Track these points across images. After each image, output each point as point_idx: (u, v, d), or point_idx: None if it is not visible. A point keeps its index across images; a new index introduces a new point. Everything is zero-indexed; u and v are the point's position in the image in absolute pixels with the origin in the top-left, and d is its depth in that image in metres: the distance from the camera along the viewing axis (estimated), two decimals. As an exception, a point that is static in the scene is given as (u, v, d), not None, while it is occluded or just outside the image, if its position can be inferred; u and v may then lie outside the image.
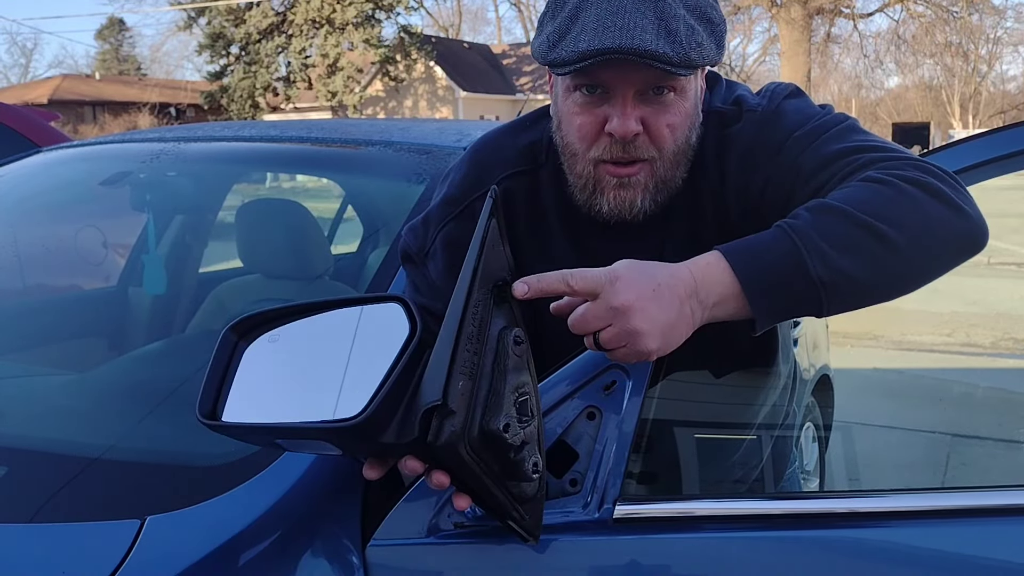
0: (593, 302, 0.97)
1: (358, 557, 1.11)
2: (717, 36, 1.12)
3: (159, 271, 2.24)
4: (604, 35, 1.05)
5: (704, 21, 1.11)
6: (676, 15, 1.07)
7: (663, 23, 1.06)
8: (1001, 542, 1.11)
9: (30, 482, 1.19)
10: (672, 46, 1.06)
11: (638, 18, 1.06)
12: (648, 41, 1.05)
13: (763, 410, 1.48)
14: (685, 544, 1.12)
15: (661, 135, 1.13)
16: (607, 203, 1.17)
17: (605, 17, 1.06)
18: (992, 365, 4.84)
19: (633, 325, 0.96)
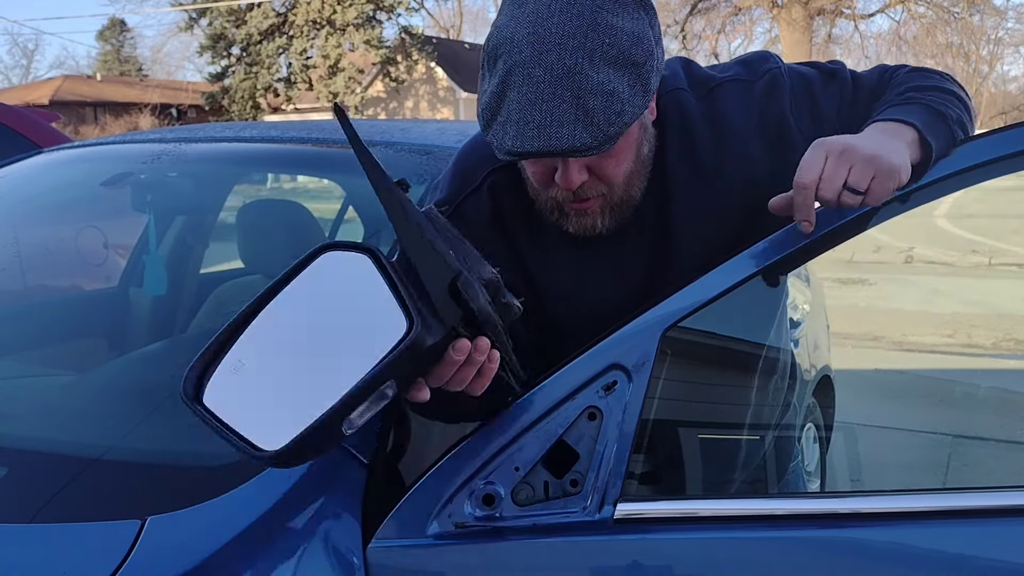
0: (825, 164, 1.10)
1: (359, 557, 1.11)
2: (644, 78, 1.11)
3: (160, 272, 2.24)
4: (526, 135, 1.08)
5: (627, 67, 1.10)
6: (593, 86, 1.07)
7: (580, 104, 1.07)
8: (1002, 543, 1.10)
9: (31, 482, 1.19)
10: (590, 132, 1.08)
11: (555, 108, 1.07)
12: (564, 138, 1.07)
13: (764, 410, 1.48)
14: (686, 544, 1.12)
15: (607, 176, 1.18)
16: (571, 227, 1.23)
17: (526, 109, 1.08)
18: (993, 366, 4.84)
19: (865, 152, 1.09)
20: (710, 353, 1.33)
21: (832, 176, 1.09)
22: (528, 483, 1.12)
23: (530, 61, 1.08)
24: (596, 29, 1.08)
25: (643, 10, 1.14)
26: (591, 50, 1.08)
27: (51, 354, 1.89)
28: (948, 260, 8.79)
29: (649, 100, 1.13)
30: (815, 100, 1.30)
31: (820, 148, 1.11)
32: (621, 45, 1.09)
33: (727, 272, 1.17)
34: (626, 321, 1.16)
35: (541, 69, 1.08)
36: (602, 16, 1.09)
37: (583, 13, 1.09)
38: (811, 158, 1.11)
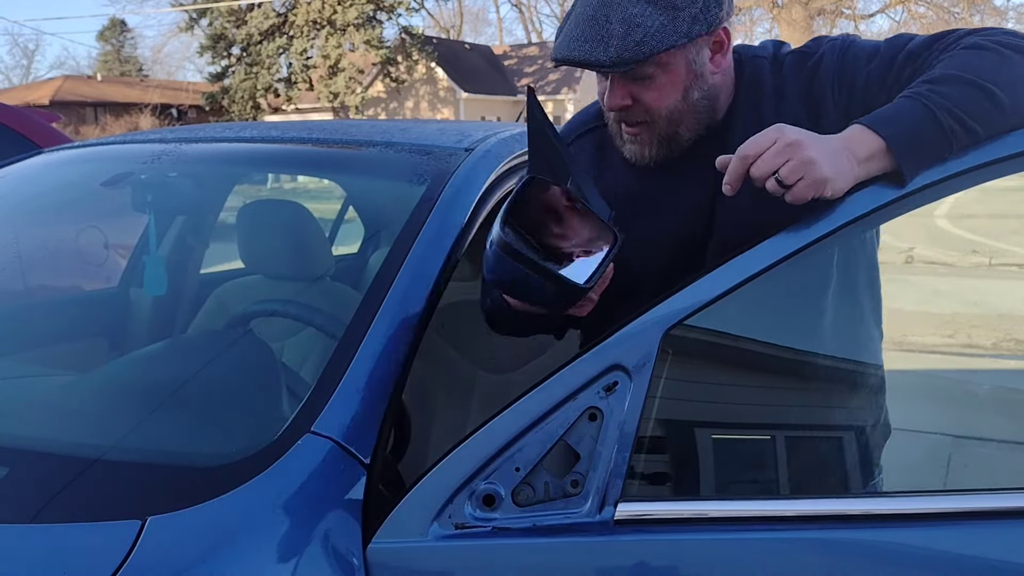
0: (770, 147, 1.15)
1: (359, 558, 1.11)
2: (678, 19, 1.25)
3: (160, 272, 2.24)
4: (563, 46, 1.29)
5: (664, 8, 1.25)
6: (624, 16, 1.24)
7: (607, 28, 1.25)
8: (1002, 544, 1.10)
9: (31, 482, 1.19)
10: (605, 52, 1.25)
11: (588, 27, 1.27)
12: (583, 52, 1.26)
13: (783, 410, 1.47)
14: (687, 545, 1.12)
15: (648, 106, 1.33)
16: (626, 152, 1.41)
17: (573, 26, 1.29)
18: (994, 366, 4.84)
19: (807, 154, 1.14)
20: (712, 352, 1.33)
21: (768, 160, 1.15)
22: (528, 484, 1.12)
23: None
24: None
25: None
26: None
27: (51, 354, 1.89)
28: (948, 260, 8.78)
29: (680, 40, 1.26)
30: (854, 76, 1.34)
31: (776, 131, 1.17)
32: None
33: (728, 272, 1.17)
34: (627, 321, 1.16)
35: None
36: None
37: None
38: (764, 136, 1.17)
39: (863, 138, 1.18)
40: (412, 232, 1.47)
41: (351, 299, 1.60)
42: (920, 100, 1.19)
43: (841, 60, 1.36)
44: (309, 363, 1.63)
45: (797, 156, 1.14)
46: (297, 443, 1.17)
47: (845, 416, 1.43)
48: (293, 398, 1.40)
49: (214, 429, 1.39)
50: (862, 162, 1.17)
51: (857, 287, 1.47)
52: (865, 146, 1.18)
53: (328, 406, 1.21)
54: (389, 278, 1.39)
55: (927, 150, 1.18)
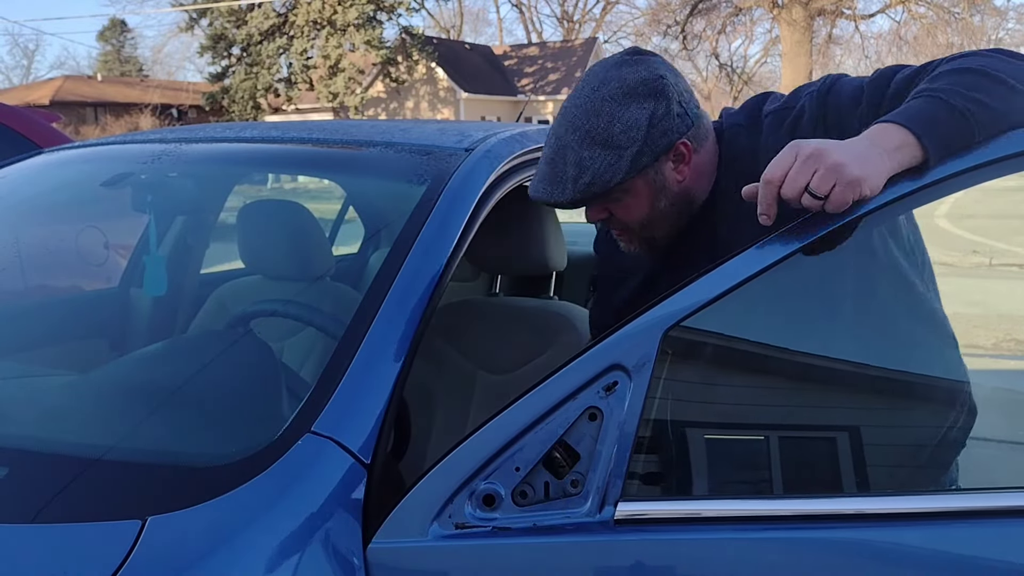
0: (793, 164, 1.15)
1: (359, 558, 1.11)
2: (623, 158, 1.36)
3: (160, 272, 2.24)
4: (533, 185, 1.44)
5: (610, 149, 1.36)
6: (575, 160, 1.37)
7: (563, 171, 1.38)
8: (1003, 544, 1.10)
9: (31, 483, 1.18)
10: (563, 194, 1.39)
11: (551, 169, 1.40)
12: (547, 193, 1.40)
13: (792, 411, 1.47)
14: (687, 545, 1.12)
15: (620, 220, 1.47)
16: (620, 245, 1.55)
17: (542, 163, 1.43)
18: (994, 366, 4.83)
19: (832, 160, 1.13)
20: (711, 353, 1.33)
21: (795, 177, 1.15)
22: (528, 483, 1.12)
23: (554, 128, 1.42)
24: (598, 115, 1.36)
25: (653, 100, 1.37)
26: (586, 131, 1.37)
27: (52, 354, 1.89)
28: (949, 261, 8.78)
29: (630, 175, 1.37)
30: (841, 121, 1.36)
31: (793, 148, 1.17)
32: (612, 131, 1.36)
33: (728, 272, 1.17)
34: (627, 321, 1.16)
35: (555, 138, 1.41)
36: (607, 105, 1.36)
37: (595, 100, 1.38)
38: (782, 156, 1.18)
39: (887, 131, 1.19)
40: (412, 232, 1.47)
41: (351, 299, 1.60)
42: (925, 95, 1.21)
43: (823, 106, 1.38)
44: (309, 363, 1.63)
45: (823, 164, 1.13)
46: (297, 443, 1.17)
47: (845, 416, 1.43)
48: (293, 398, 1.40)
49: (214, 429, 1.39)
50: (891, 153, 1.17)
51: (876, 286, 1.46)
52: (891, 137, 1.18)
53: (328, 406, 1.21)
54: (389, 278, 1.39)
55: (951, 134, 1.19)
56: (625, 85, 1.37)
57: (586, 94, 1.39)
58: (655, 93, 1.37)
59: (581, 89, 1.41)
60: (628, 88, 1.37)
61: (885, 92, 1.34)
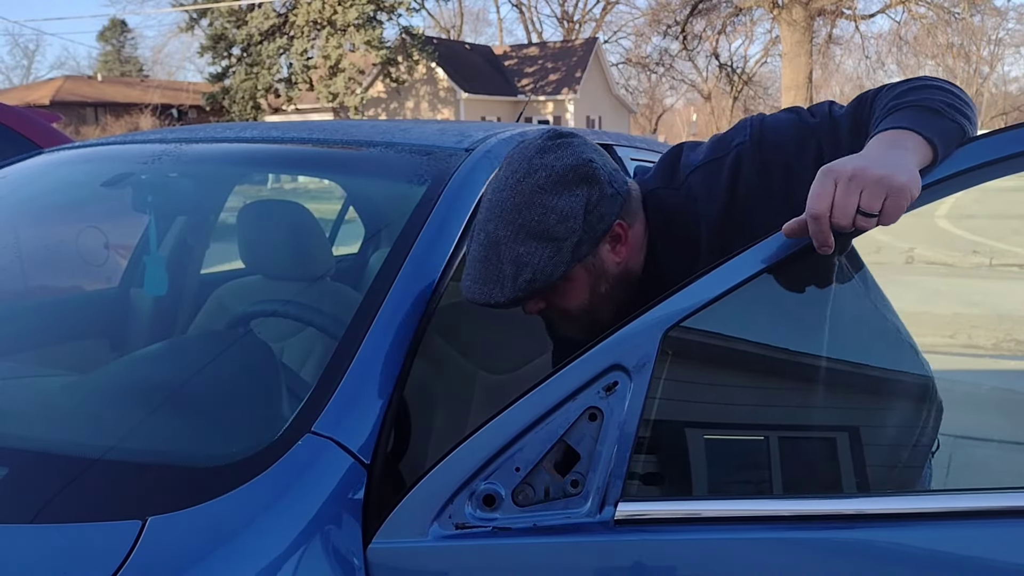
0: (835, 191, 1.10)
1: (359, 558, 1.11)
2: (564, 250, 1.30)
3: (160, 272, 2.24)
4: (465, 284, 1.34)
5: (548, 241, 1.29)
6: (513, 256, 1.29)
7: (500, 269, 1.30)
8: (1004, 544, 1.10)
9: (32, 483, 1.18)
10: (502, 292, 1.30)
11: (483, 268, 1.32)
12: (484, 294, 1.32)
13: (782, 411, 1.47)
14: (687, 545, 1.12)
15: (559, 309, 1.40)
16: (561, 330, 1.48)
17: (472, 263, 1.34)
18: (994, 367, 4.83)
19: (874, 174, 1.10)
20: (711, 353, 1.33)
21: (844, 204, 1.10)
22: (529, 484, 1.12)
23: (481, 223, 1.34)
24: (531, 207, 1.30)
25: (585, 186, 1.32)
26: (520, 225, 1.29)
27: (52, 354, 1.89)
28: (949, 261, 8.78)
29: (572, 266, 1.32)
30: (789, 163, 1.34)
31: (829, 176, 1.12)
32: (548, 223, 1.29)
33: (728, 272, 1.17)
34: (627, 322, 1.16)
35: (484, 233, 1.32)
36: (539, 196, 1.30)
37: (524, 191, 1.30)
38: (820, 187, 1.12)
39: (896, 136, 1.18)
40: (412, 232, 1.47)
41: (351, 299, 1.60)
42: (901, 108, 1.23)
43: (761, 152, 1.36)
44: (309, 363, 1.63)
45: (867, 181, 1.10)
46: (297, 443, 1.17)
47: (845, 417, 1.43)
48: (293, 398, 1.40)
49: (214, 429, 1.39)
50: (911, 153, 1.16)
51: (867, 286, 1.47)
52: (904, 140, 1.17)
53: (328, 406, 1.21)
54: (389, 278, 1.39)
55: (949, 133, 1.20)
56: (554, 173, 1.31)
57: (512, 185, 1.32)
58: (587, 179, 1.32)
59: (506, 180, 1.33)
60: (558, 176, 1.31)
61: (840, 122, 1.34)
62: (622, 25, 49.81)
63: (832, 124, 1.35)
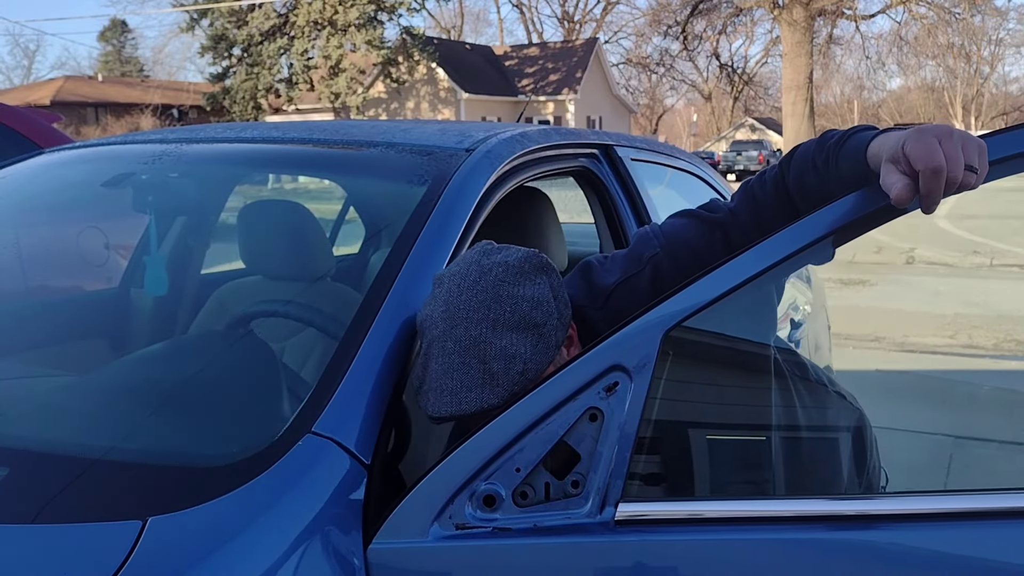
0: (944, 151, 1.09)
1: (359, 558, 1.11)
2: (546, 336, 1.24)
3: (161, 272, 2.24)
4: (442, 401, 1.21)
5: (528, 330, 1.23)
6: (497, 352, 1.20)
7: (486, 369, 1.20)
8: (1004, 545, 1.10)
9: (32, 483, 1.19)
10: (496, 393, 1.20)
11: (464, 375, 1.21)
12: (473, 401, 1.20)
13: (772, 410, 1.47)
14: (687, 546, 1.12)
15: None
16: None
17: (441, 378, 1.22)
18: (994, 367, 4.84)
19: (963, 134, 1.12)
20: (712, 353, 1.33)
21: (956, 156, 1.09)
22: (529, 484, 1.12)
23: (443, 335, 1.23)
24: (499, 300, 1.23)
25: (544, 274, 1.28)
26: (494, 320, 1.22)
27: (52, 354, 1.89)
28: (949, 261, 8.79)
29: (555, 353, 1.25)
30: (701, 261, 1.35)
31: (927, 134, 1.10)
32: (522, 311, 1.23)
33: (728, 273, 1.17)
34: (627, 322, 1.16)
35: (452, 342, 1.22)
36: (504, 288, 1.24)
37: (487, 288, 1.24)
38: (926, 145, 1.09)
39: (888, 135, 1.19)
40: (413, 233, 1.47)
41: (352, 300, 1.60)
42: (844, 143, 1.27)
43: (674, 257, 1.41)
44: (310, 364, 1.63)
45: (965, 139, 1.11)
46: (298, 444, 1.17)
47: (845, 417, 1.43)
48: (294, 398, 1.40)
49: (215, 429, 1.39)
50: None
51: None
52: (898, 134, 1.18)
53: (329, 407, 1.21)
54: (390, 279, 1.39)
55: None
56: (511, 267, 1.26)
57: (468, 288, 1.24)
58: (543, 267, 1.29)
59: (458, 287, 1.25)
60: (515, 268, 1.26)
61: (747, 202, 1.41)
62: (623, 25, 49.83)
63: (730, 215, 1.42)
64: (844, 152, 1.27)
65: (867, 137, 1.23)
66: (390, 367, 1.28)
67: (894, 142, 1.14)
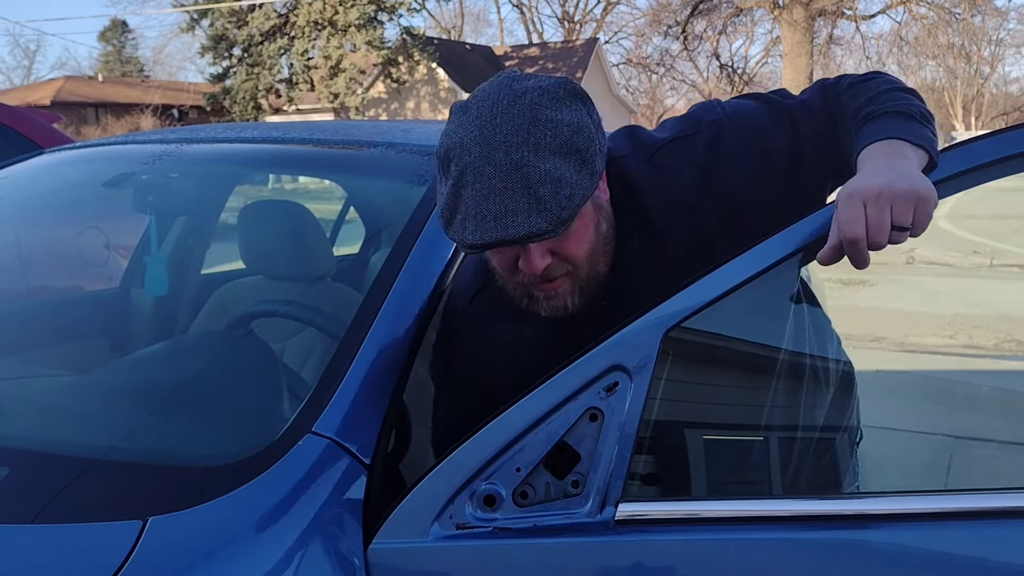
0: (865, 217, 1.09)
1: (360, 558, 1.11)
2: (589, 161, 1.17)
3: (161, 272, 2.25)
4: (483, 228, 1.14)
5: (571, 154, 1.15)
6: (542, 175, 1.13)
7: (532, 193, 1.13)
8: (1004, 545, 1.10)
9: (33, 483, 1.19)
10: (544, 217, 1.13)
11: (508, 199, 1.13)
12: (521, 225, 1.13)
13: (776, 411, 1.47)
14: (687, 545, 1.12)
15: (570, 256, 1.23)
16: (543, 311, 1.28)
17: (481, 204, 1.14)
18: (995, 367, 4.83)
19: (898, 188, 1.09)
20: (712, 353, 1.33)
21: (879, 221, 1.09)
22: (529, 484, 1.12)
23: (479, 160, 1.14)
24: (537, 124, 1.15)
25: (580, 101, 1.20)
26: (535, 143, 1.14)
27: (53, 354, 1.90)
28: (949, 261, 8.78)
29: (597, 181, 1.18)
30: (765, 143, 1.30)
31: (855, 198, 1.11)
32: (563, 135, 1.15)
33: (728, 273, 1.17)
34: (627, 322, 1.16)
35: (491, 166, 1.14)
36: (541, 112, 1.16)
37: (523, 112, 1.15)
38: (851, 210, 1.11)
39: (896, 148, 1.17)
40: (413, 233, 1.47)
41: (352, 300, 1.61)
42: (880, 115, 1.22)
43: (740, 131, 1.32)
44: (310, 364, 1.64)
45: (895, 197, 1.10)
46: (298, 443, 1.17)
47: (845, 417, 1.43)
48: (294, 398, 1.40)
49: (215, 429, 1.39)
50: (915, 161, 1.16)
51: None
52: (903, 149, 1.17)
53: (329, 406, 1.21)
54: (390, 279, 1.39)
55: (929, 139, 1.20)
56: (545, 91, 1.18)
57: (502, 113, 1.16)
58: (578, 95, 1.21)
59: (490, 113, 1.16)
60: (551, 93, 1.18)
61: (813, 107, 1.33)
62: (623, 25, 49.88)
63: (803, 106, 1.34)
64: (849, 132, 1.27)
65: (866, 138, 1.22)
66: (390, 367, 1.28)
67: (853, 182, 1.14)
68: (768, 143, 1.31)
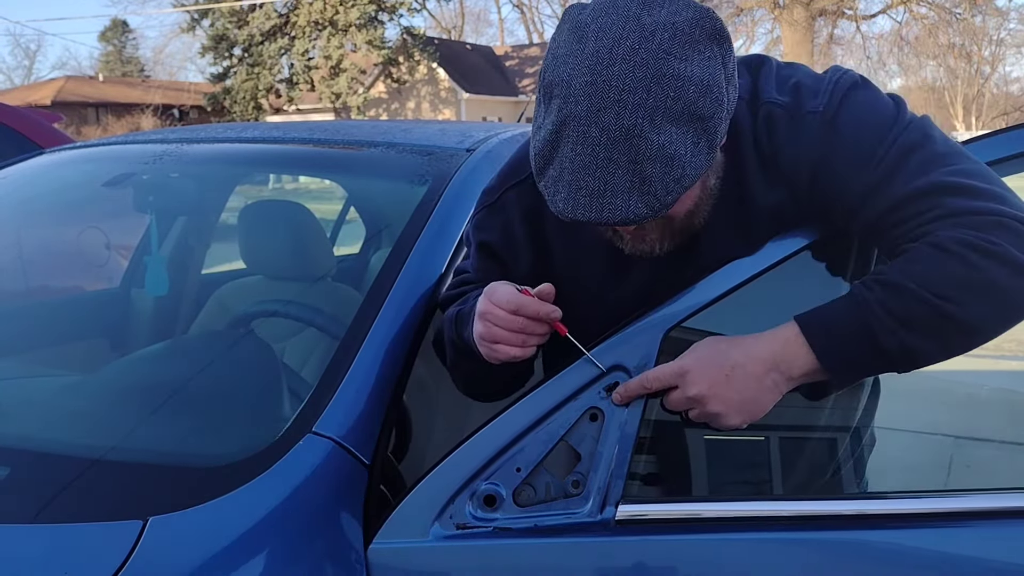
0: (675, 391, 1.10)
1: (360, 558, 1.11)
2: (710, 132, 1.01)
3: (161, 272, 2.25)
4: (576, 201, 1.01)
5: (692, 123, 1.00)
6: (653, 151, 0.98)
7: (637, 171, 0.99)
8: (1004, 545, 1.10)
9: (33, 483, 1.19)
10: (645, 202, 1.00)
11: (610, 175, 0.99)
12: (618, 208, 1.00)
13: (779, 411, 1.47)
14: (688, 546, 1.12)
15: (669, 215, 1.10)
16: (627, 248, 1.17)
17: (579, 172, 1.01)
18: (995, 367, 4.83)
19: (710, 409, 1.08)
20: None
21: (674, 403, 1.10)
22: (530, 484, 1.12)
23: (586, 117, 0.99)
24: (660, 81, 0.98)
25: (716, 43, 1.02)
26: (653, 107, 0.98)
27: (53, 354, 1.90)
28: (950, 261, 8.75)
29: (715, 154, 1.04)
30: (851, 166, 1.11)
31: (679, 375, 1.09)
32: (687, 98, 0.99)
33: (728, 273, 1.17)
34: (628, 322, 1.16)
35: (597, 129, 0.99)
36: (669, 64, 0.98)
37: (648, 61, 0.98)
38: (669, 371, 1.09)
39: (797, 353, 1.06)
40: (413, 233, 1.47)
41: (352, 299, 1.61)
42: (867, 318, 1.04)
43: (847, 142, 1.12)
44: (310, 363, 1.64)
45: (700, 409, 1.09)
46: (298, 443, 1.17)
47: (845, 417, 1.43)
48: (294, 398, 1.40)
49: (216, 429, 1.39)
50: (794, 380, 1.08)
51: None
52: (798, 364, 1.07)
53: (329, 406, 1.21)
54: (390, 279, 1.39)
55: (861, 368, 1.11)
56: (679, 32, 1.00)
57: (624, 56, 0.98)
58: (716, 34, 1.02)
59: (609, 54, 0.99)
60: (684, 35, 1.00)
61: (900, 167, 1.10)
62: (623, 25, 49.66)
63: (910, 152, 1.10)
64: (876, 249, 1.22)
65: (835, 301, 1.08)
66: (391, 367, 1.28)
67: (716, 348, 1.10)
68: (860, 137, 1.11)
